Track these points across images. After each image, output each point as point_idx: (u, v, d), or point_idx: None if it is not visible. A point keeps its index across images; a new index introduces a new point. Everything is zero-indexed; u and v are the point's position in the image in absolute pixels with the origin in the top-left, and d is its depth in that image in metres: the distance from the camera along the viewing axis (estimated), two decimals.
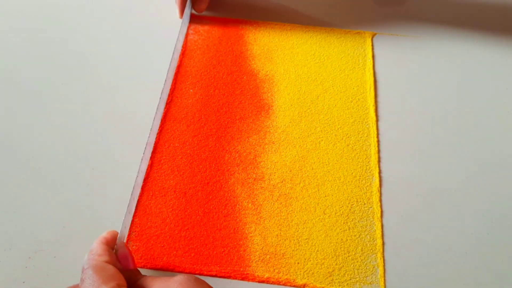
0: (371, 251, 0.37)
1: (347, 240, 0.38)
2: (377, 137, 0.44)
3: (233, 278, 0.36)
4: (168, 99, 0.46)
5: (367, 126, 0.45)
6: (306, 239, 0.38)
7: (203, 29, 0.52)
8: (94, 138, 0.43)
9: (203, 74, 0.48)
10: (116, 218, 0.38)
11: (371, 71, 0.49)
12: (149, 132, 0.41)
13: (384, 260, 0.37)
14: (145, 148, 0.40)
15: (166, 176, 0.41)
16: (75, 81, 0.48)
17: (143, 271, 0.36)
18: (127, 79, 0.48)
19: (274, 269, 0.36)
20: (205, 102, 0.46)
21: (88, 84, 0.47)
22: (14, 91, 0.46)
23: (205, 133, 0.44)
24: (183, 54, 0.50)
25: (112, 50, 0.50)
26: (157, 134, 0.43)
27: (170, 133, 0.44)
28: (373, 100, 0.46)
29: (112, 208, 0.39)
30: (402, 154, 0.43)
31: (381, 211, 0.39)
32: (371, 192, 0.40)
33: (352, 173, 0.42)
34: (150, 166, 0.42)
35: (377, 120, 0.45)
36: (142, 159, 0.39)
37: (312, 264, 0.37)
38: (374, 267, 0.37)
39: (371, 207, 0.40)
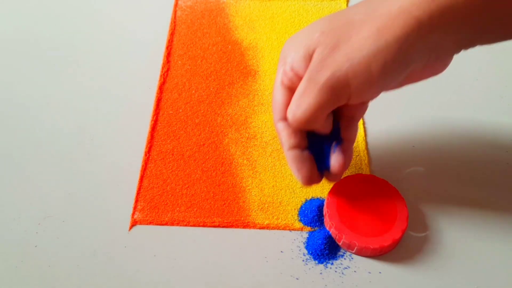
0: None
1: None
2: None
3: (235, 227, 0.38)
4: (161, 71, 0.48)
5: None
6: (300, 187, 0.40)
7: (186, 5, 0.54)
8: (96, 108, 0.45)
9: (190, 46, 0.50)
10: (117, 181, 0.40)
11: None
12: (147, 102, 0.43)
13: None
14: None
15: (163, 141, 0.43)
16: (76, 55, 0.49)
17: (149, 228, 0.38)
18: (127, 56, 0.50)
19: (273, 216, 0.39)
20: (193, 72, 0.48)
21: (89, 61, 0.49)
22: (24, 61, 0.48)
23: (196, 100, 0.46)
24: (173, 30, 0.52)
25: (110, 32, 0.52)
26: (153, 103, 0.45)
27: (164, 102, 0.46)
28: None
29: (112, 173, 0.41)
30: (384, 105, 0.46)
31: (368, 158, 0.42)
32: (357, 142, 0.43)
33: None
34: (148, 133, 0.44)
35: None
36: None
37: None
38: None
39: (358, 155, 0.42)
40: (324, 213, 0.38)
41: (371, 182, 0.38)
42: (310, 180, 0.33)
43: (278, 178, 0.41)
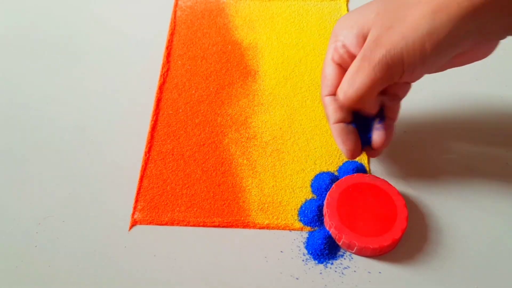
0: None
1: None
2: None
3: (235, 227, 0.38)
4: (161, 71, 0.48)
5: None
6: (300, 187, 0.40)
7: (186, 5, 0.54)
8: (96, 108, 0.45)
9: (190, 46, 0.50)
10: (117, 181, 0.40)
11: None
12: (147, 102, 0.43)
13: None
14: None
15: (163, 141, 0.43)
16: (76, 55, 0.49)
17: (149, 228, 0.38)
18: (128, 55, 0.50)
19: (273, 216, 0.39)
20: (193, 72, 0.48)
21: (92, 63, 0.49)
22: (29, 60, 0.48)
23: (196, 100, 0.46)
24: (173, 30, 0.52)
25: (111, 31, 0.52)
26: (153, 103, 0.45)
27: (163, 102, 0.46)
28: None
29: (112, 173, 0.41)
30: None
31: (368, 158, 0.42)
32: None
33: None
34: (148, 133, 0.44)
35: None
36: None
37: None
38: None
39: None
40: (324, 213, 0.38)
41: (371, 182, 0.38)
42: (354, 152, 0.35)
43: (278, 178, 0.41)
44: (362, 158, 0.42)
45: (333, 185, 0.38)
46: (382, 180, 0.38)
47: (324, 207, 0.37)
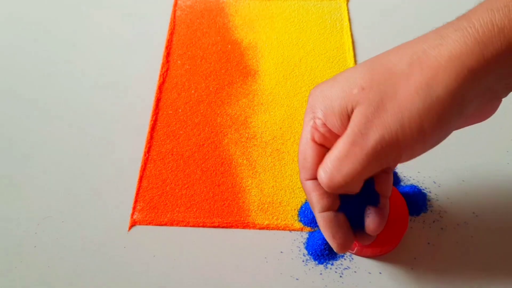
0: None
1: None
2: None
3: (235, 228, 0.38)
4: (161, 71, 0.48)
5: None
6: (300, 187, 0.40)
7: (185, 4, 0.54)
8: (95, 108, 0.45)
9: (189, 46, 0.50)
10: (117, 182, 0.40)
11: (349, 33, 0.51)
12: (147, 102, 0.43)
13: None
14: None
15: (163, 141, 0.43)
16: (76, 54, 0.49)
17: (148, 228, 0.38)
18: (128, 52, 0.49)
19: (272, 217, 0.39)
20: (193, 72, 0.48)
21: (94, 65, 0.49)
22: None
23: (196, 100, 0.46)
24: (172, 30, 0.51)
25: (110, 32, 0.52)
26: (153, 103, 0.45)
27: (163, 102, 0.46)
28: (352, 59, 0.49)
29: (112, 173, 0.41)
30: None
31: None
32: None
33: None
34: (148, 133, 0.43)
35: None
36: None
37: None
38: None
39: None
40: None
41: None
42: (346, 246, 0.30)
43: (278, 178, 0.41)
44: None
45: None
46: None
47: None
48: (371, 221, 0.30)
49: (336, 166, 0.27)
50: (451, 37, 0.25)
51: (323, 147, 0.29)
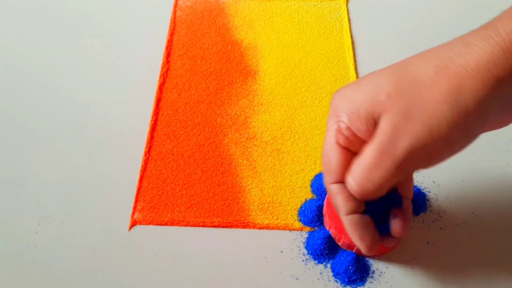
0: None
1: None
2: None
3: (235, 227, 0.38)
4: (161, 71, 0.48)
5: (349, 82, 0.47)
6: (300, 187, 0.41)
7: (185, 5, 0.54)
8: (96, 108, 0.45)
9: (189, 46, 0.50)
10: (117, 182, 0.40)
11: (348, 34, 0.51)
12: (147, 102, 0.43)
13: None
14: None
15: (163, 141, 0.43)
16: (75, 54, 0.49)
17: (149, 228, 0.38)
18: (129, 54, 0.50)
19: (272, 216, 0.39)
20: (193, 72, 0.48)
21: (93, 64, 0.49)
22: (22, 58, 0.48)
23: (196, 100, 0.46)
24: (172, 30, 0.52)
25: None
26: (153, 103, 0.45)
27: (163, 102, 0.46)
28: (352, 59, 0.49)
29: (112, 173, 0.41)
30: None
31: None
32: None
33: None
34: (148, 133, 0.44)
35: (357, 77, 0.48)
36: None
37: None
38: None
39: None
40: (324, 213, 0.38)
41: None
42: (373, 247, 0.30)
43: (278, 178, 0.41)
44: None
45: None
46: None
47: (324, 207, 0.37)
48: (396, 223, 0.31)
49: (366, 175, 0.27)
50: (477, 45, 0.25)
51: (347, 151, 0.29)
